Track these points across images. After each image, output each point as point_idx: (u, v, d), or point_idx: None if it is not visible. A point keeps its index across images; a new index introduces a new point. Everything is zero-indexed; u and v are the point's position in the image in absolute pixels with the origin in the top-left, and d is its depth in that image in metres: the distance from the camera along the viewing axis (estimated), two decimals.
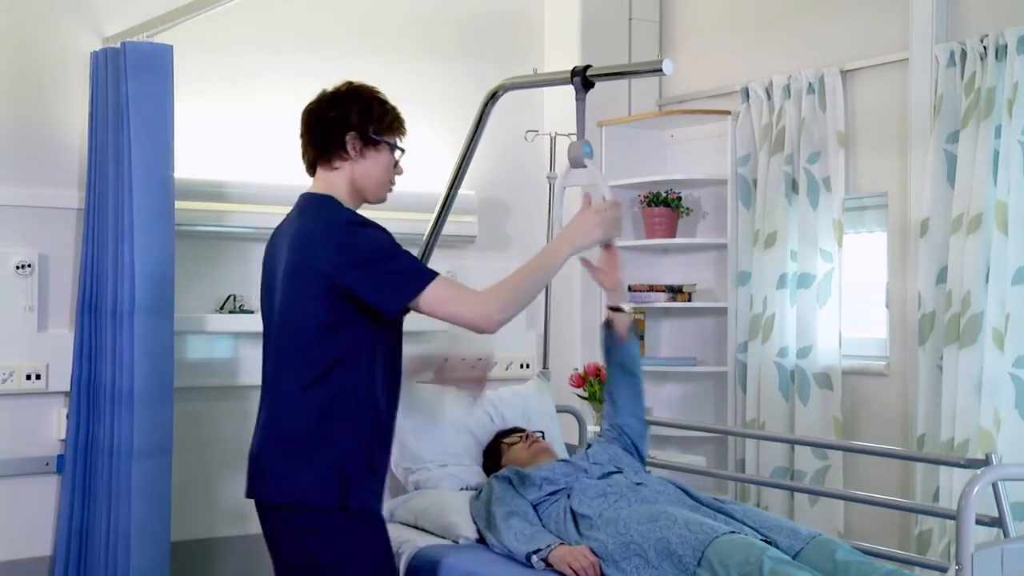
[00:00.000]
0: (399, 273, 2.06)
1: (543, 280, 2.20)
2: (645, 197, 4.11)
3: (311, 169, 2.28)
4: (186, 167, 3.23)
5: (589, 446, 2.74)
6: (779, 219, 3.69)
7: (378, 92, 2.27)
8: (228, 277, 3.47)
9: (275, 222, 3.28)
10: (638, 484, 2.51)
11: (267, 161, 3.55)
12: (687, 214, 4.12)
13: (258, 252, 3.78)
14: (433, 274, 2.07)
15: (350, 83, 2.27)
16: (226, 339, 3.47)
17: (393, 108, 2.28)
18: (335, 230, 2.11)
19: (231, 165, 3.49)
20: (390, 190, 2.29)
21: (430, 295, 2.04)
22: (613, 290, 2.55)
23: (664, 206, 4.07)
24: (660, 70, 2.40)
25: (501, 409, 3.16)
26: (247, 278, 3.49)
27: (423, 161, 2.39)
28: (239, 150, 3.52)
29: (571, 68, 2.54)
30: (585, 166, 2.49)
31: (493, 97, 2.85)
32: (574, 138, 3.77)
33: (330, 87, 2.27)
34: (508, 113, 2.90)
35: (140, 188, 2.99)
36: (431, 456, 2.96)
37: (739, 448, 3.82)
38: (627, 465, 2.64)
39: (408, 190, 2.54)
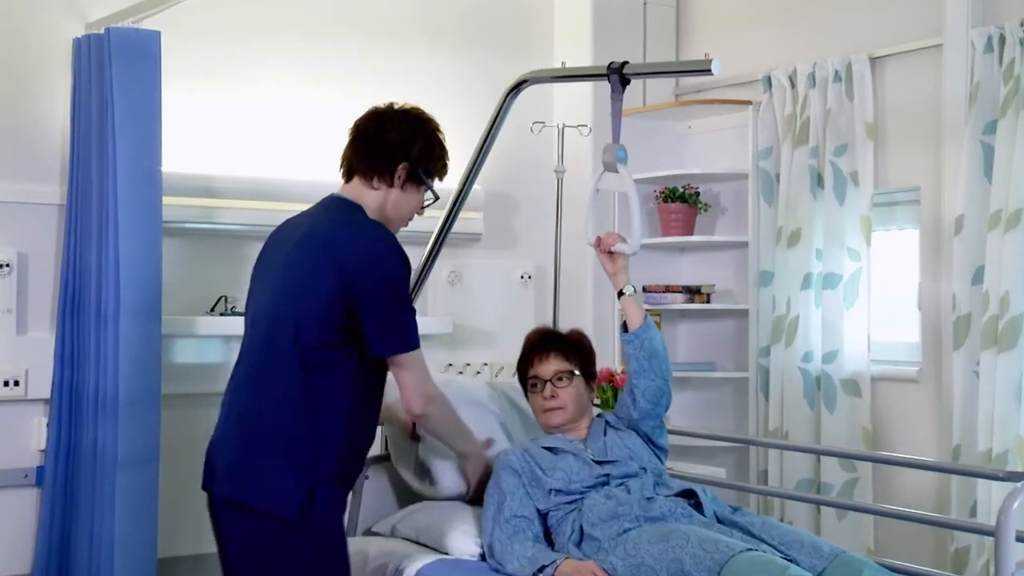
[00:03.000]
0: (402, 325, 2.23)
1: (454, 439, 2.58)
2: (661, 192, 4.11)
3: (349, 174, 2.35)
4: (174, 160, 3.21)
5: (606, 427, 2.67)
6: (803, 216, 3.68)
7: (441, 131, 2.37)
8: (219, 277, 3.46)
9: (269, 219, 3.27)
10: (649, 499, 2.48)
11: (260, 154, 3.54)
12: (705, 210, 4.12)
13: (251, 250, 3.76)
14: (418, 343, 2.26)
15: (421, 111, 2.36)
16: (217, 342, 3.46)
17: (446, 153, 2.38)
18: (382, 249, 2.21)
19: (222, 159, 3.49)
20: (405, 226, 2.41)
21: (406, 358, 2.24)
22: (614, 274, 2.59)
23: (681, 202, 4.07)
24: (708, 71, 2.38)
25: (504, 419, 3.12)
26: (239, 278, 3.45)
27: None
28: (230, 143, 3.51)
29: (608, 63, 2.52)
30: (617, 171, 2.50)
31: (516, 90, 2.85)
32: (584, 130, 3.90)
33: (398, 103, 2.35)
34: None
35: (125, 182, 2.98)
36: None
37: (761, 459, 3.82)
38: (646, 462, 2.61)
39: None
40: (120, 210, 2.97)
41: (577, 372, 2.69)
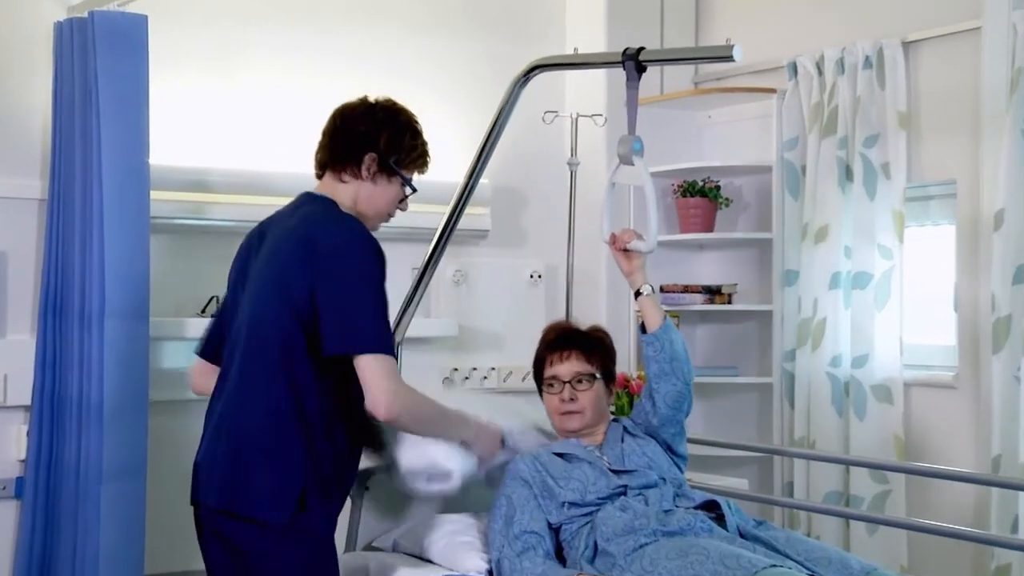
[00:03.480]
0: (363, 325, 2.17)
1: (442, 432, 2.41)
2: (679, 186, 4.10)
3: (321, 170, 2.38)
4: (163, 153, 3.21)
5: (623, 433, 2.66)
6: (831, 211, 3.67)
7: (416, 122, 2.39)
8: (210, 276, 3.41)
9: (263, 214, 3.25)
10: (667, 512, 2.47)
11: (253, 146, 3.54)
12: (726, 205, 4.11)
13: None
14: (388, 350, 2.19)
15: (392, 102, 2.38)
16: None
17: (423, 144, 2.39)
18: (351, 240, 2.21)
19: (213, 151, 3.49)
20: (386, 221, 2.41)
21: (367, 360, 2.16)
22: (630, 273, 2.59)
23: (701, 196, 4.05)
24: (730, 57, 2.35)
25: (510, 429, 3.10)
26: None
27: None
28: (222, 134, 3.51)
29: (623, 50, 2.51)
30: (633, 164, 2.49)
31: (525, 77, 2.84)
32: (599, 120, 3.89)
33: (372, 96, 2.37)
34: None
35: (111, 176, 2.99)
36: None
37: (786, 470, 3.81)
38: (665, 471, 2.59)
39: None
40: (105, 205, 2.97)
41: (598, 375, 2.66)
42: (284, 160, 3.56)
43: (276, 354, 2.20)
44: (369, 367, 2.16)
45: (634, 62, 2.48)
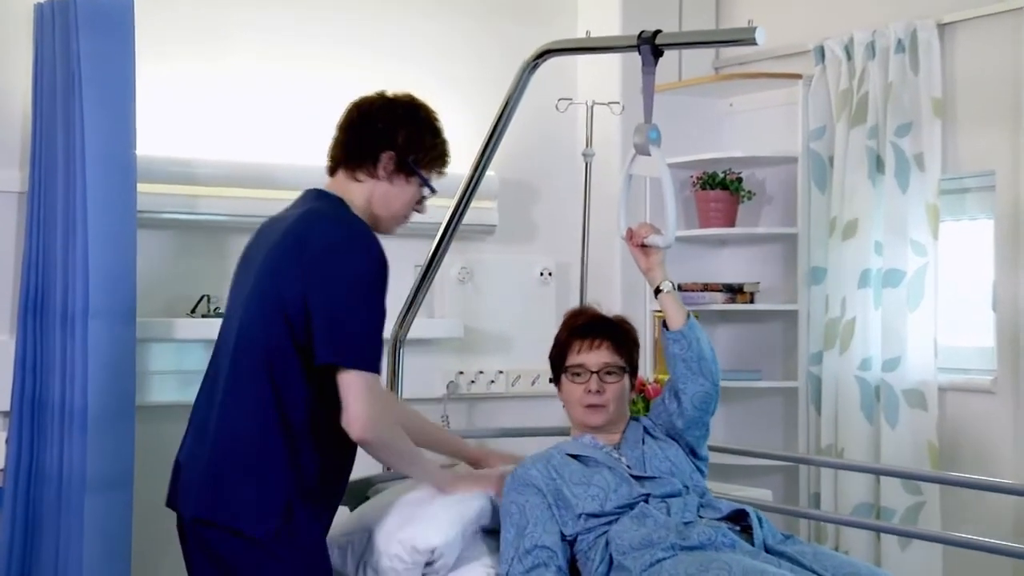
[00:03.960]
0: (356, 334, 2.19)
1: (408, 470, 2.48)
2: (699, 178, 4.10)
3: (333, 168, 2.40)
4: (150, 143, 3.21)
5: (644, 434, 2.65)
6: (861, 204, 3.66)
7: (436, 119, 2.41)
8: (200, 274, 3.47)
9: (256, 208, 3.24)
10: (687, 524, 2.45)
11: (247, 136, 3.54)
12: (749, 199, 4.10)
13: (236, 244, 3.73)
14: (374, 367, 2.21)
15: (412, 98, 2.40)
16: (198, 347, 3.43)
17: (444, 143, 2.41)
18: (350, 242, 2.21)
19: (204, 141, 3.49)
20: (402, 224, 2.43)
21: (352, 377, 2.17)
22: (649, 270, 2.61)
23: (722, 189, 4.05)
24: (752, 40, 2.35)
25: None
26: (223, 275, 3.46)
27: None
28: (213, 123, 3.51)
29: (638, 33, 2.51)
30: (650, 154, 2.50)
31: (535, 62, 2.85)
32: (614, 107, 3.87)
33: (391, 92, 2.39)
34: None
35: (95, 167, 2.98)
36: None
37: (813, 480, 3.80)
38: (688, 478, 2.59)
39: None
40: (89, 198, 2.96)
41: (626, 368, 2.67)
42: (279, 151, 3.57)
43: (261, 359, 2.21)
44: (352, 384, 2.17)
45: (650, 46, 2.48)
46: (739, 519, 2.48)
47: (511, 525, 2.51)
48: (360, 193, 2.33)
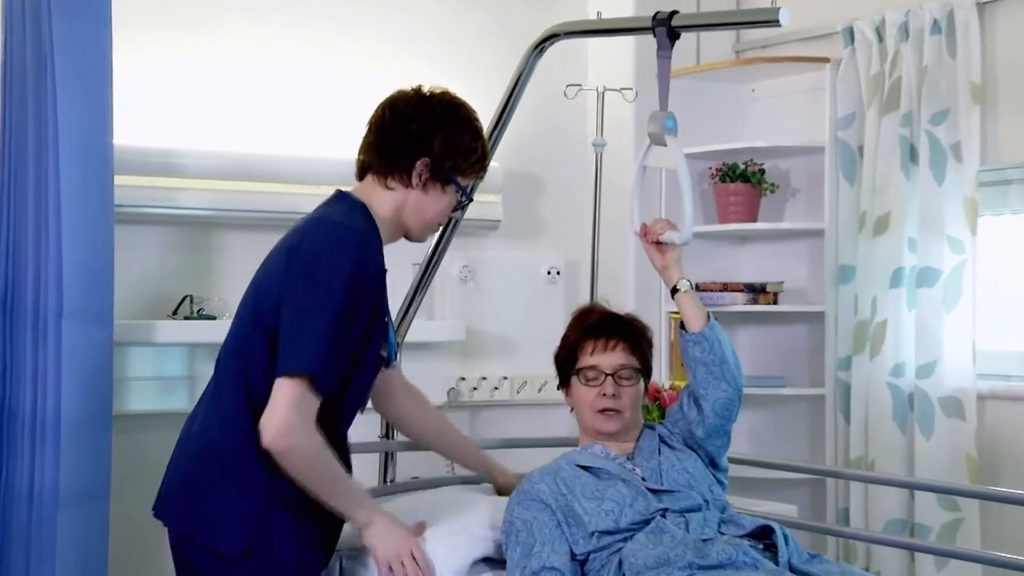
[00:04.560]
0: (311, 338, 2.14)
1: (331, 497, 2.26)
2: (718, 170, 4.11)
3: (362, 172, 2.36)
4: (128, 132, 3.20)
5: (660, 444, 2.64)
6: (893, 198, 3.66)
7: (477, 120, 2.37)
8: (183, 273, 3.48)
9: (242, 202, 3.22)
10: (706, 541, 2.43)
11: (232, 125, 3.54)
12: (772, 192, 4.11)
13: (220, 240, 3.72)
14: (313, 378, 2.14)
15: (450, 96, 2.36)
16: (180, 352, 3.48)
17: (483, 146, 2.38)
18: (337, 243, 2.18)
19: (186, 130, 3.49)
20: (433, 232, 2.44)
21: (284, 382, 2.13)
22: (665, 268, 2.60)
23: (743, 181, 4.05)
24: (776, 22, 2.35)
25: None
26: (207, 274, 3.50)
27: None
28: (196, 110, 3.51)
29: (653, 14, 2.51)
30: (665, 144, 2.50)
31: (541, 46, 2.85)
32: (627, 94, 3.87)
33: (427, 87, 2.34)
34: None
35: (69, 159, 2.96)
36: None
37: (841, 494, 3.81)
38: (707, 491, 2.58)
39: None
40: (63, 192, 2.94)
41: (641, 372, 2.65)
42: (269, 140, 3.58)
43: (238, 369, 2.24)
44: (282, 388, 2.13)
45: (666, 28, 2.47)
46: (763, 536, 2.46)
47: (517, 544, 2.49)
48: (390, 202, 2.30)
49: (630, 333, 2.66)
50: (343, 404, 2.29)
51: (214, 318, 3.42)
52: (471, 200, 2.39)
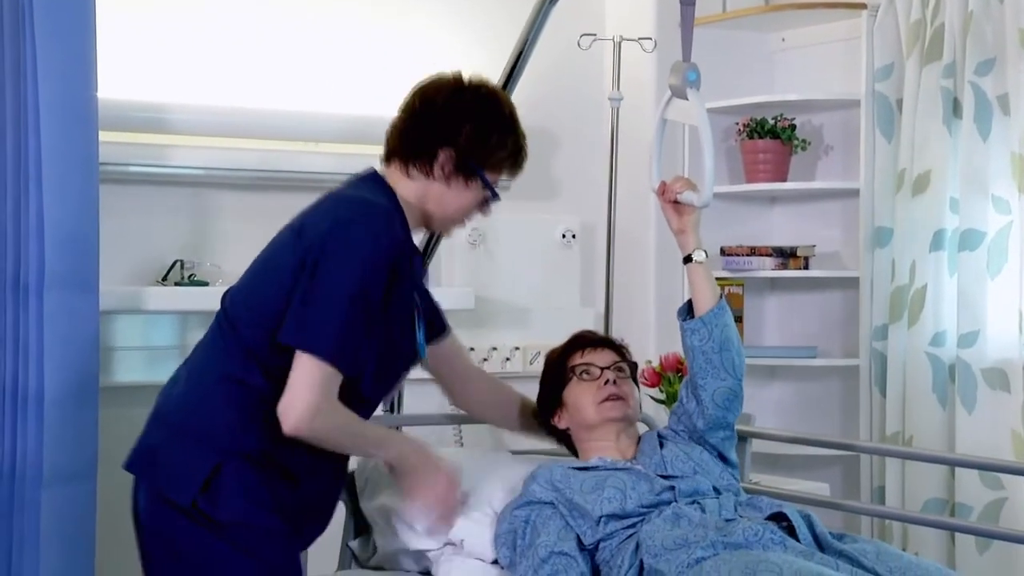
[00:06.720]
0: (323, 320, 2.18)
1: (362, 450, 2.45)
2: (745, 125, 4.11)
3: (388, 157, 2.38)
4: (113, 86, 3.18)
5: (660, 441, 2.68)
6: (934, 155, 3.66)
7: (512, 112, 2.39)
8: (173, 236, 3.48)
9: (237, 160, 3.21)
10: (728, 521, 2.47)
11: (224, 78, 3.53)
12: (803, 148, 4.12)
13: (214, 201, 3.71)
14: (335, 358, 2.19)
15: (486, 85, 2.38)
16: (170, 320, 3.48)
17: (516, 141, 2.39)
18: (350, 223, 2.20)
19: (175, 82, 3.48)
20: (460, 227, 2.46)
21: (309, 364, 2.18)
22: (681, 232, 2.61)
23: (772, 138, 4.06)
24: None
25: None
26: (199, 237, 3.51)
27: None
28: (186, 63, 3.50)
29: None
30: (687, 98, 2.51)
31: None
32: (647, 44, 3.84)
33: (467, 76, 2.36)
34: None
35: (50, 115, 2.94)
36: None
37: (877, 472, 3.82)
38: (717, 478, 2.62)
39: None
40: (44, 150, 2.92)
41: (634, 378, 2.74)
42: (263, 94, 3.58)
43: (227, 324, 2.31)
44: (306, 368, 2.18)
45: None
46: (783, 519, 2.48)
47: (517, 539, 2.53)
48: (412, 191, 2.33)
49: (617, 345, 2.79)
50: (362, 389, 2.30)
51: (206, 284, 3.42)
52: (497, 198, 2.40)
